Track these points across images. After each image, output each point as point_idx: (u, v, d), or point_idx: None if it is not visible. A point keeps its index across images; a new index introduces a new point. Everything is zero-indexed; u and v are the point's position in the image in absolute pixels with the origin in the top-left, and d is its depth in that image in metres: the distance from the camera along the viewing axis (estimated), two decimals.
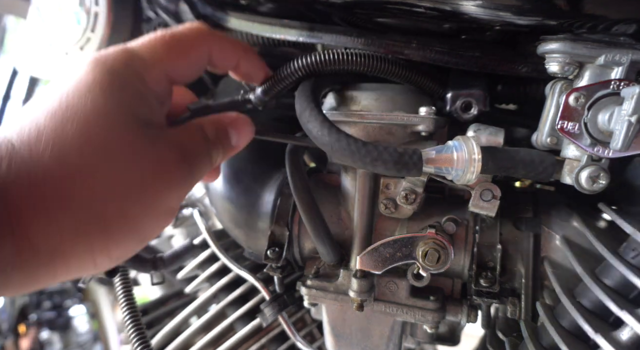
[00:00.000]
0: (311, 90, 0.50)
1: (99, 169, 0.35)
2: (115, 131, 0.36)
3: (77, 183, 0.34)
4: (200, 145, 0.43)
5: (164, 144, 0.39)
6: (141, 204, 0.37)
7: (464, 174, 0.43)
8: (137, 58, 0.40)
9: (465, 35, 0.53)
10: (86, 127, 0.34)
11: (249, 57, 0.50)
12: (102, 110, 0.36)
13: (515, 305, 0.54)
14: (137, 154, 0.37)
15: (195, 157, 0.42)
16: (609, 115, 0.43)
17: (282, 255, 0.59)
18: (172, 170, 0.39)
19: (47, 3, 0.80)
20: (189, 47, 0.44)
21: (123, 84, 0.38)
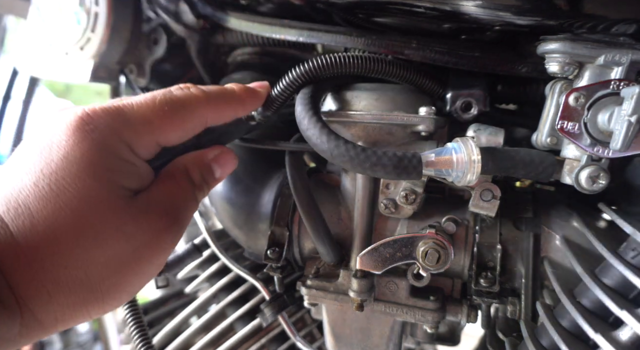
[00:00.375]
0: (310, 96, 0.50)
1: (94, 253, 0.36)
2: (107, 214, 0.37)
3: (73, 268, 0.35)
4: (188, 194, 0.44)
5: (152, 213, 0.40)
6: (135, 273, 0.39)
7: (464, 176, 0.43)
8: (128, 126, 0.39)
9: (465, 35, 0.53)
10: (79, 214, 0.35)
11: (247, 105, 0.49)
12: (94, 194, 0.36)
13: (515, 305, 0.54)
14: (128, 233, 0.38)
15: (184, 212, 0.43)
16: (608, 115, 0.43)
17: (282, 255, 0.59)
18: (164, 236, 0.41)
19: (47, 3, 0.80)
20: (185, 118, 0.43)
21: (109, 157, 0.38)
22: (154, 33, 0.78)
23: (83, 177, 0.36)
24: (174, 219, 0.42)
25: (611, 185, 0.46)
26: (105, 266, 0.37)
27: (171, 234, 0.41)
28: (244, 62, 0.79)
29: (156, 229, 0.40)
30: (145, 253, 0.39)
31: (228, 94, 0.47)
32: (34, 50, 0.85)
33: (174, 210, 0.42)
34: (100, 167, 0.37)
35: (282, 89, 0.52)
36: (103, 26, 0.74)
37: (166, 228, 0.41)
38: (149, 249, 0.39)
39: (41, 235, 0.34)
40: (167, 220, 0.41)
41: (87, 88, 3.86)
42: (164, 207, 0.41)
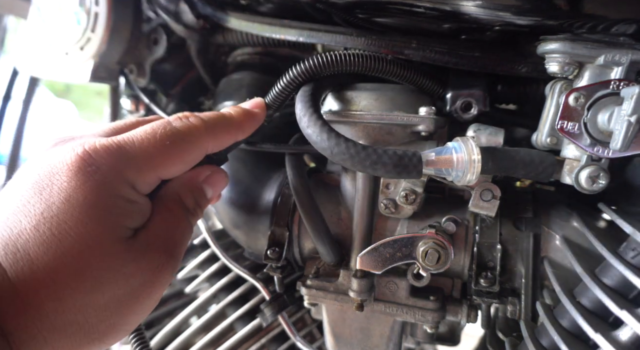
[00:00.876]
0: (310, 94, 0.50)
1: (94, 297, 0.36)
2: (109, 258, 0.37)
3: (71, 313, 0.35)
4: (183, 223, 0.44)
5: (151, 251, 0.40)
6: (133, 312, 0.40)
7: (464, 175, 0.43)
8: (131, 165, 0.39)
9: (465, 35, 0.53)
10: (81, 259, 0.35)
11: (246, 129, 0.49)
12: (97, 238, 0.36)
13: (515, 305, 0.54)
14: (128, 274, 0.38)
15: (181, 244, 0.43)
16: (608, 115, 0.43)
17: (282, 255, 0.59)
18: (162, 273, 0.41)
19: (48, 3, 0.80)
20: (187, 150, 0.42)
21: (112, 199, 0.38)
22: (154, 33, 0.78)
23: (85, 221, 0.36)
24: (172, 253, 0.42)
25: (611, 185, 0.46)
26: (104, 309, 0.37)
27: (169, 269, 0.41)
28: (244, 62, 0.79)
29: (155, 267, 0.40)
30: (145, 291, 0.40)
31: (227, 121, 0.47)
32: (34, 50, 0.85)
33: (172, 244, 0.42)
34: (103, 210, 0.37)
35: (283, 86, 0.52)
36: (103, 26, 0.74)
37: (165, 264, 0.41)
38: (148, 287, 0.40)
39: (40, 281, 0.34)
40: (166, 257, 0.41)
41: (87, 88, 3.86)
42: (162, 243, 0.41)
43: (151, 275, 0.40)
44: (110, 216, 0.37)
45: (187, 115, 0.44)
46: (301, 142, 0.62)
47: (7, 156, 1.85)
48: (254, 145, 0.59)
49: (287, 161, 0.58)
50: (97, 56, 0.76)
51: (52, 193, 0.36)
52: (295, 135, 0.64)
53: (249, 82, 0.75)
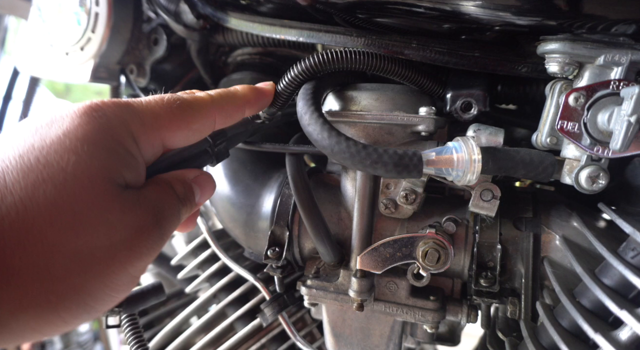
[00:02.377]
0: (312, 92, 0.50)
1: (65, 238, 0.31)
2: (94, 196, 0.33)
3: (34, 254, 0.30)
4: (173, 204, 0.41)
5: (140, 208, 0.36)
6: (102, 278, 0.34)
7: (464, 175, 0.43)
8: (137, 118, 0.38)
9: (465, 35, 0.53)
10: (60, 193, 0.31)
11: (253, 103, 0.49)
12: (82, 174, 0.32)
13: (515, 305, 0.54)
14: (110, 223, 0.33)
15: (167, 219, 0.40)
16: (608, 115, 0.43)
17: (282, 255, 0.59)
18: (144, 237, 0.36)
19: (48, 3, 0.80)
20: (193, 119, 0.42)
21: (113, 143, 0.35)
22: (154, 33, 0.78)
23: (78, 153, 0.32)
24: (159, 220, 0.38)
25: (611, 185, 0.46)
26: (73, 258, 0.31)
27: (152, 237, 0.37)
28: (244, 62, 0.79)
29: (140, 226, 0.36)
30: (122, 253, 0.34)
31: (234, 94, 0.47)
32: (34, 50, 0.85)
33: (160, 212, 0.38)
34: (100, 148, 0.34)
35: (286, 84, 0.52)
36: (103, 26, 0.74)
37: (150, 228, 0.37)
38: (126, 248, 0.34)
39: (9, 208, 0.29)
40: (153, 220, 0.37)
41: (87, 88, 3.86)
42: (152, 206, 0.38)
43: (134, 234, 0.35)
44: (106, 155, 0.34)
45: (194, 91, 0.44)
46: (301, 142, 0.62)
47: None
48: (254, 145, 0.59)
49: (287, 161, 0.58)
50: (97, 56, 0.76)
51: (50, 130, 0.33)
52: (295, 135, 0.65)
53: (249, 82, 0.75)
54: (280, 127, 0.74)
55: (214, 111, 0.44)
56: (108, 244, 0.33)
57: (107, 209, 0.33)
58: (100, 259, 0.33)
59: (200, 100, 0.43)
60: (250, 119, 0.55)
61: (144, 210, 0.37)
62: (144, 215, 0.37)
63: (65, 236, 0.31)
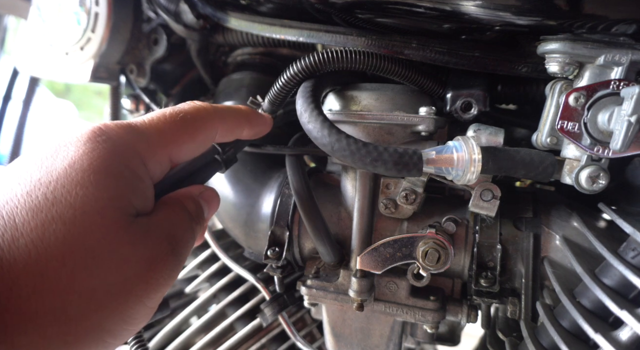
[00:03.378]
0: (311, 90, 0.50)
1: (79, 281, 0.30)
2: (105, 231, 0.32)
3: (49, 295, 0.29)
4: (186, 226, 0.40)
5: (153, 237, 0.35)
6: (120, 314, 0.33)
7: (464, 174, 0.43)
8: (142, 139, 0.37)
9: (465, 35, 0.53)
10: (70, 231, 0.30)
11: (252, 123, 0.48)
12: (91, 208, 0.31)
13: (515, 305, 0.54)
14: (123, 258, 0.32)
15: (182, 243, 0.39)
16: (608, 115, 0.43)
17: (282, 255, 0.59)
18: (159, 268, 0.35)
19: (48, 3, 0.80)
20: (197, 130, 0.41)
21: (120, 168, 0.34)
22: (154, 33, 0.78)
23: (85, 185, 0.31)
24: (174, 247, 0.37)
25: (611, 185, 0.46)
26: (88, 297, 0.30)
27: (168, 266, 0.36)
28: (244, 62, 0.79)
29: (154, 257, 0.34)
30: (138, 287, 0.33)
31: (236, 108, 0.47)
32: (34, 50, 0.85)
33: (173, 237, 0.37)
34: (107, 176, 0.33)
35: (285, 81, 0.52)
36: (103, 26, 0.74)
37: (164, 256, 0.35)
38: (142, 282, 0.33)
39: (22, 251, 0.28)
40: (167, 248, 0.36)
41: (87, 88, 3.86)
42: (164, 233, 0.36)
43: (149, 266, 0.34)
44: (115, 184, 0.33)
45: (195, 102, 0.43)
46: (301, 142, 0.62)
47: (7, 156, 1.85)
48: (255, 147, 0.59)
49: (287, 161, 0.58)
50: (97, 56, 0.76)
51: (55, 161, 0.32)
52: (296, 135, 0.65)
53: (249, 82, 0.76)
54: (281, 127, 0.74)
55: (217, 122, 0.43)
56: (122, 279, 0.32)
57: (118, 243, 0.32)
58: (116, 295, 0.32)
59: (202, 111, 0.42)
60: None
61: (157, 238, 0.36)
62: (157, 244, 0.35)
63: (79, 276, 0.30)
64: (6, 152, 1.84)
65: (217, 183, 0.69)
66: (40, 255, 0.29)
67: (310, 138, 0.48)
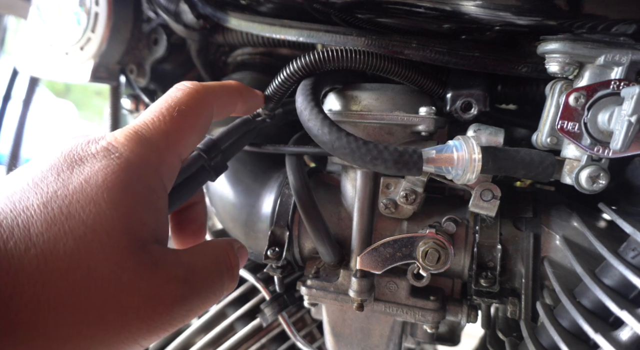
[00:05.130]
0: (311, 88, 0.50)
1: (76, 300, 0.29)
2: (106, 254, 0.30)
3: (44, 311, 0.28)
4: (214, 271, 0.37)
5: (163, 272, 0.33)
6: (110, 345, 0.30)
7: (464, 174, 0.43)
8: (151, 148, 0.36)
9: (465, 35, 0.53)
10: (78, 247, 0.30)
11: (245, 97, 0.48)
12: (101, 227, 0.31)
13: (515, 305, 0.54)
14: (122, 285, 0.30)
15: (202, 289, 0.35)
16: (608, 115, 0.43)
17: (282, 255, 0.59)
18: (160, 310, 0.32)
19: (48, 3, 0.80)
20: (197, 118, 0.40)
21: (135, 186, 0.33)
22: (154, 33, 0.78)
23: (99, 202, 0.31)
24: (187, 292, 0.33)
25: (611, 185, 0.46)
26: (82, 319, 0.29)
27: (172, 312, 0.33)
28: (244, 62, 0.79)
29: (158, 295, 0.32)
30: (132, 323, 0.31)
31: (227, 84, 0.46)
32: (34, 50, 0.85)
33: (192, 280, 0.34)
34: (121, 194, 0.32)
35: (284, 78, 0.52)
36: (103, 26, 0.74)
37: (171, 299, 0.32)
38: (138, 318, 0.31)
39: (30, 259, 0.28)
40: (177, 289, 0.33)
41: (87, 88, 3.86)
42: (180, 270, 0.34)
43: (149, 304, 0.31)
44: (128, 202, 0.32)
45: (185, 83, 0.42)
46: (302, 142, 0.62)
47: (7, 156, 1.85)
48: (255, 147, 0.59)
49: (287, 161, 0.58)
50: (97, 56, 0.76)
51: (72, 175, 0.32)
52: (296, 135, 0.65)
53: (249, 82, 0.76)
54: (281, 127, 0.74)
55: (210, 101, 0.42)
56: (119, 309, 0.30)
57: (121, 269, 0.30)
58: (110, 325, 0.30)
59: (196, 95, 0.41)
60: (251, 117, 0.55)
61: (168, 274, 0.33)
62: (165, 281, 0.32)
63: (77, 294, 0.29)
64: (6, 152, 1.84)
65: (217, 183, 0.69)
66: (48, 266, 0.28)
67: (310, 137, 0.48)
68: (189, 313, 0.34)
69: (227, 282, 0.38)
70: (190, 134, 0.40)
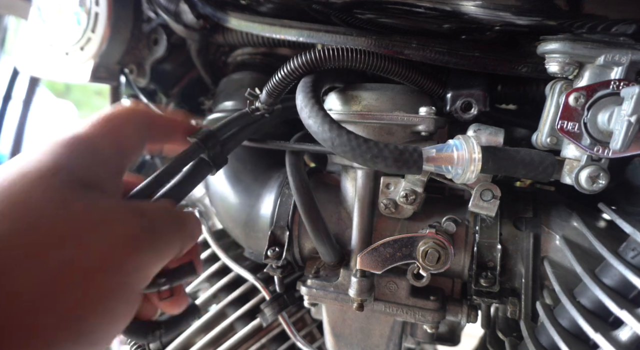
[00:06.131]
0: (312, 86, 0.50)
1: (18, 238, 0.28)
2: (44, 192, 0.31)
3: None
4: (169, 222, 0.38)
5: (119, 211, 0.34)
6: (90, 295, 0.30)
7: (464, 173, 0.43)
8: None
9: (465, 35, 0.53)
10: (12, 188, 0.30)
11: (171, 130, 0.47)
12: (35, 168, 0.32)
13: (515, 305, 0.54)
14: (75, 216, 0.31)
15: (160, 228, 0.36)
16: (608, 115, 0.43)
17: (282, 255, 0.59)
18: (133, 242, 0.33)
19: (48, 3, 0.80)
20: (121, 118, 0.40)
21: (79, 144, 0.35)
22: (154, 33, 0.78)
23: (35, 152, 0.33)
24: (149, 223, 0.35)
25: (611, 185, 0.46)
26: (44, 279, 0.28)
27: (145, 241, 0.34)
28: (244, 62, 0.79)
29: (125, 234, 0.33)
30: (108, 263, 0.31)
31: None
32: (34, 50, 0.85)
33: (148, 218, 0.36)
34: (59, 146, 0.34)
35: (283, 75, 0.52)
36: (103, 26, 0.74)
37: (136, 231, 0.34)
38: (115, 257, 0.32)
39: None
40: (139, 222, 0.34)
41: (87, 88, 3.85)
42: (137, 211, 0.35)
43: (121, 244, 0.32)
44: (66, 153, 0.34)
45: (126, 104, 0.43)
46: (302, 141, 0.62)
47: (7, 156, 1.85)
48: (256, 142, 0.59)
49: (287, 161, 0.58)
50: (97, 56, 0.76)
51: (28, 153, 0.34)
52: (296, 135, 0.64)
53: (249, 82, 0.75)
54: (280, 128, 0.74)
55: (135, 113, 0.42)
56: (91, 257, 0.30)
57: (64, 202, 0.31)
58: (85, 272, 0.30)
59: (116, 110, 0.41)
60: (249, 111, 0.55)
61: (125, 213, 0.34)
62: (125, 218, 0.34)
63: (20, 236, 0.28)
64: (6, 152, 1.84)
65: (217, 183, 0.69)
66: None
67: (311, 135, 0.48)
68: (157, 246, 0.35)
69: (183, 241, 0.39)
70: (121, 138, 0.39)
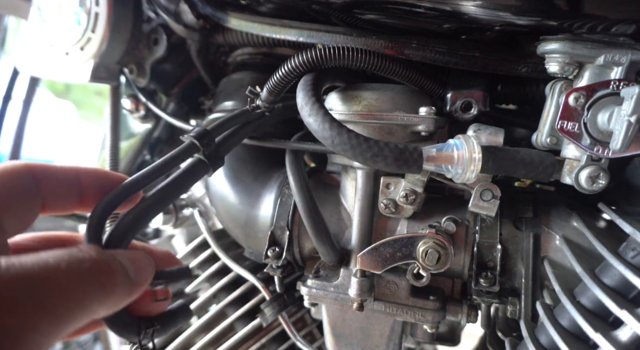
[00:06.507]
0: (312, 84, 0.50)
1: None
2: None
3: None
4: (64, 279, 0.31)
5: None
6: None
7: (464, 173, 0.43)
8: None
9: (465, 35, 0.53)
10: None
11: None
12: None
13: (515, 305, 0.54)
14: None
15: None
16: (608, 115, 0.43)
17: (282, 255, 0.59)
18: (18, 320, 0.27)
19: (48, 3, 0.80)
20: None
21: None
22: (154, 33, 0.78)
23: None
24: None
25: (611, 185, 0.46)
26: None
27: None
28: (244, 62, 0.79)
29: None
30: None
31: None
32: (34, 50, 0.85)
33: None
34: None
35: (283, 74, 0.52)
36: (103, 26, 0.74)
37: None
38: None
39: None
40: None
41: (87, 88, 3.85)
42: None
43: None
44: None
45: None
46: (302, 141, 0.62)
47: (7, 156, 1.85)
48: (257, 140, 0.59)
49: (287, 160, 0.58)
50: (97, 56, 0.76)
51: None
52: (296, 135, 0.65)
53: (249, 82, 0.75)
54: (280, 128, 0.74)
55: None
56: None
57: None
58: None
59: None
60: (250, 109, 0.55)
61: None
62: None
63: None
64: (6, 152, 1.84)
65: (217, 183, 0.69)
66: None
67: (311, 135, 0.48)
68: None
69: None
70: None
